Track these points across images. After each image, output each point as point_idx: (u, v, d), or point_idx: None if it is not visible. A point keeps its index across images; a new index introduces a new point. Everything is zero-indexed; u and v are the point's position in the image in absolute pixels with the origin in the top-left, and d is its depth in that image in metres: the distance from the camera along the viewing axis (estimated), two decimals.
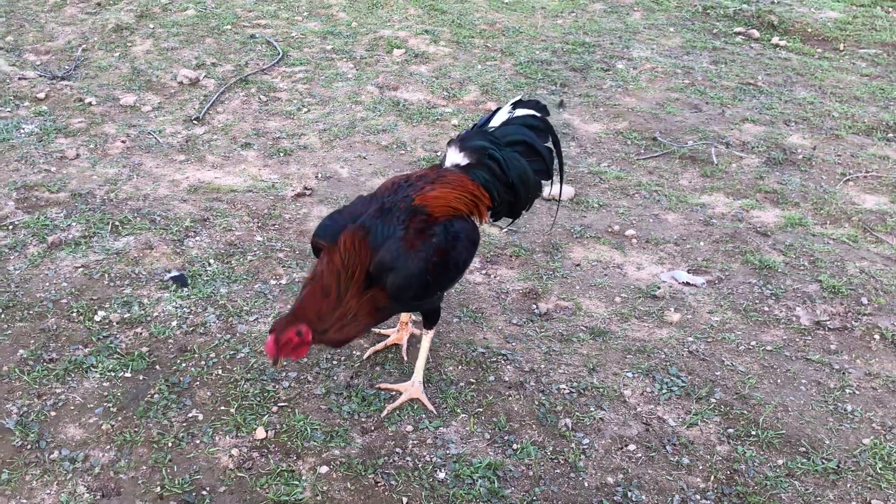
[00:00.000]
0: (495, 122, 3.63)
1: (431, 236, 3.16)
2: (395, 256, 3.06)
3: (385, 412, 3.45)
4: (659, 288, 4.44)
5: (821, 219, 5.19)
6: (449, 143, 3.59)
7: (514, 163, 3.53)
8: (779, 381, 3.79)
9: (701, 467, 3.30)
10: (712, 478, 3.25)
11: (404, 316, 3.83)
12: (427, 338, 3.57)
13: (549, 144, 3.71)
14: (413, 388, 3.54)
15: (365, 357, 3.75)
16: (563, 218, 5.07)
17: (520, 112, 3.68)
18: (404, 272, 3.06)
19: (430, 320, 3.54)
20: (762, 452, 3.37)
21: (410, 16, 8.43)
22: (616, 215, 5.16)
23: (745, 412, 3.57)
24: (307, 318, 3.00)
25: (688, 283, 4.51)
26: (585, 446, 3.37)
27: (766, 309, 4.30)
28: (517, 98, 3.77)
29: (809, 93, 7.03)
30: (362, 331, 3.19)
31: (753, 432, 3.47)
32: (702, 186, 5.55)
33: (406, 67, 7.17)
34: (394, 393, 3.56)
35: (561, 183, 3.93)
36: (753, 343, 4.04)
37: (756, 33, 8.43)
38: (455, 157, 3.51)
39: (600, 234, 4.95)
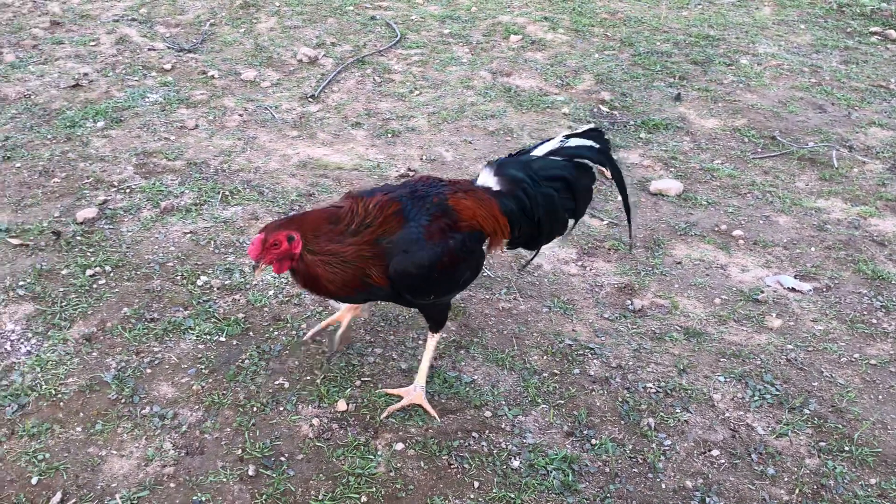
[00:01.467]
0: (541, 150, 3.38)
1: (450, 239, 3.03)
2: (413, 240, 2.95)
3: (385, 414, 3.34)
4: (762, 292, 4.29)
5: None
6: (486, 165, 3.38)
7: (546, 199, 3.30)
8: (880, 396, 3.61)
9: (786, 479, 3.17)
10: (797, 491, 3.12)
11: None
12: (432, 341, 3.39)
13: (591, 182, 3.44)
14: (415, 392, 3.38)
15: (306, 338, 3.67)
16: (668, 214, 4.96)
17: (573, 143, 3.37)
18: (415, 258, 2.95)
19: (434, 323, 3.37)
20: (854, 469, 3.22)
21: (531, 2, 8.37)
22: (724, 214, 5.00)
23: (840, 426, 3.41)
24: (304, 229, 2.87)
25: (793, 289, 4.34)
26: (667, 447, 3.29)
27: (875, 321, 4.10)
28: (575, 130, 3.47)
29: None
30: (339, 284, 2.94)
31: (847, 448, 3.31)
32: (819, 190, 5.32)
33: (521, 54, 7.13)
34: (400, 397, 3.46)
35: (630, 225, 3.71)
36: (857, 355, 3.85)
37: (894, 33, 8.00)
38: (488, 180, 3.30)
39: (706, 233, 4.81)
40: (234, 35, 7.32)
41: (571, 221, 3.49)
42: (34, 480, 2.97)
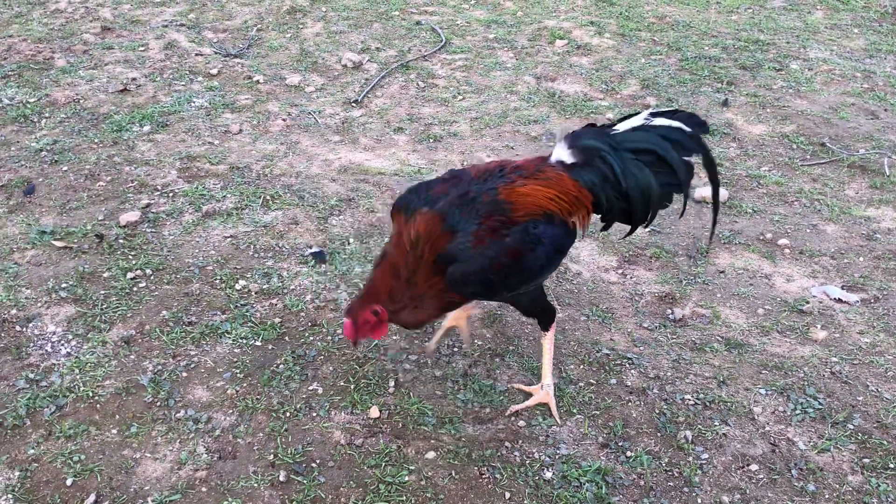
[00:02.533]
0: (622, 126, 3.21)
1: (504, 236, 2.95)
2: (460, 250, 2.93)
3: (510, 411, 3.38)
4: (807, 302, 4.19)
5: None
6: (560, 139, 3.24)
7: (634, 170, 3.12)
8: None
9: (827, 496, 3.09)
10: None
11: None
12: (545, 340, 3.40)
13: (692, 159, 3.24)
14: (542, 392, 3.42)
15: (432, 348, 3.70)
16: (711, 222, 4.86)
17: (660, 122, 3.19)
18: (463, 267, 2.93)
19: (540, 322, 3.39)
20: None
21: (578, 6, 8.31)
22: (770, 223, 4.90)
23: (886, 442, 3.31)
24: (380, 298, 3.01)
25: (840, 300, 4.23)
26: (704, 461, 3.22)
27: None
28: (663, 109, 3.25)
29: None
30: (434, 315, 3.16)
31: (892, 465, 3.21)
32: (869, 198, 5.19)
33: (566, 59, 7.07)
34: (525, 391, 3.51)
35: (714, 222, 3.48)
36: None
37: None
38: (561, 154, 3.16)
39: (750, 241, 4.71)
40: (280, 40, 7.38)
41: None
42: (69, 482, 3.01)
